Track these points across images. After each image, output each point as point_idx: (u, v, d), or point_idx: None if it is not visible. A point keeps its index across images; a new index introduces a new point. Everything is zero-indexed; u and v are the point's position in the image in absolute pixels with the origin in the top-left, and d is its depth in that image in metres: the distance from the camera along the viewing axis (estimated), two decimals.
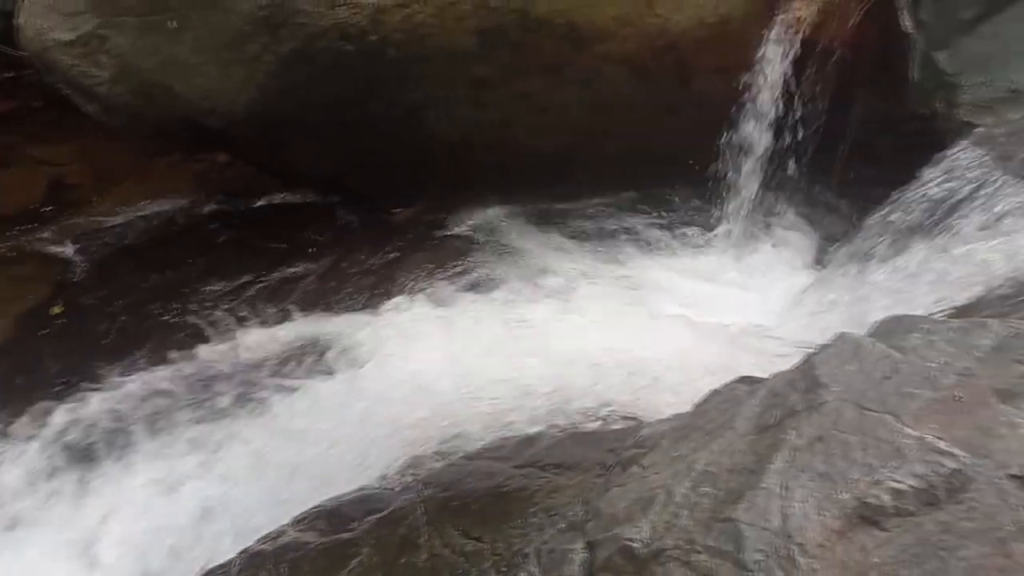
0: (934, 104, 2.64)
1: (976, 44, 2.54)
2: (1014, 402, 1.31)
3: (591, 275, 2.66)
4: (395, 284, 2.77)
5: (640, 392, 2.04)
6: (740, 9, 2.83)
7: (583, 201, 3.00)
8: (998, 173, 2.28)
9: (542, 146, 2.91)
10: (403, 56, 2.67)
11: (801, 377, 1.44)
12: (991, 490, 1.22)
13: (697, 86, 2.93)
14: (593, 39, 2.71)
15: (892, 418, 1.30)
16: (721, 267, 2.76)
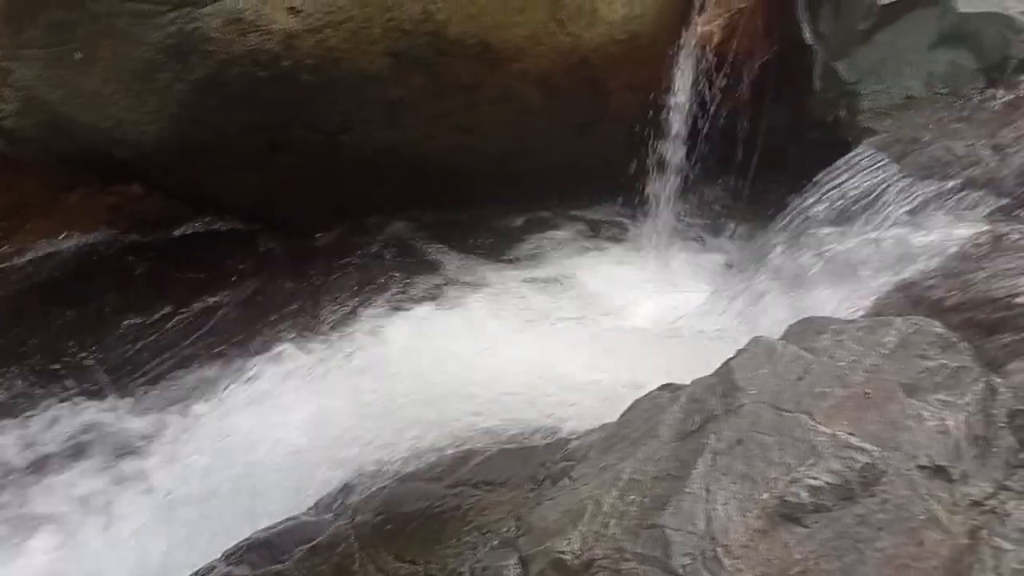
0: (836, 111, 2.75)
1: (872, 54, 2.65)
2: (919, 395, 1.37)
3: (514, 290, 2.69)
4: (319, 308, 2.75)
5: (567, 404, 2.06)
6: (649, 26, 2.90)
7: (504, 218, 3.02)
8: (898, 174, 2.38)
9: (461, 165, 2.93)
10: (317, 80, 2.66)
11: (719, 382, 1.48)
12: (902, 481, 1.27)
13: (611, 101, 2.99)
14: (507, 58, 2.74)
15: (806, 417, 1.35)
16: (641, 275, 2.81)
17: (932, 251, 2.06)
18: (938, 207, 2.25)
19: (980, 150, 2.32)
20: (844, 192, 2.44)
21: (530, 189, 3.00)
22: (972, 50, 2.49)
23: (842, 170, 2.51)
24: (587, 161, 3.03)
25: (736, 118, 3.06)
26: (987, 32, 2.45)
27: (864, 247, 2.18)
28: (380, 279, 2.82)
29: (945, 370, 1.39)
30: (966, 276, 1.94)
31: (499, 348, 2.27)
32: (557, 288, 2.73)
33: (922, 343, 1.41)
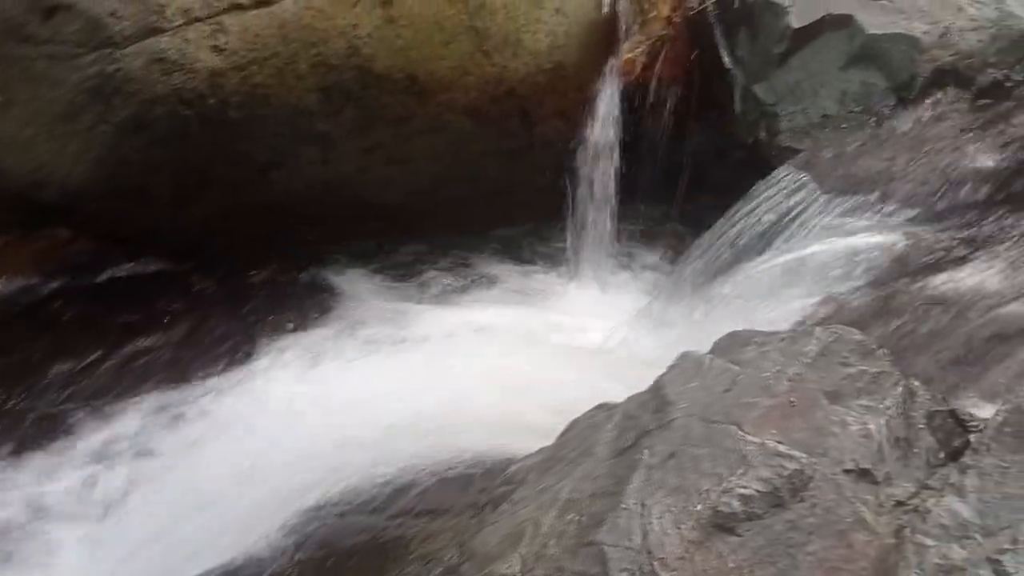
0: (757, 133, 2.84)
1: (788, 76, 2.75)
2: (842, 401, 1.41)
3: (447, 320, 2.69)
4: (255, 347, 2.71)
5: (505, 429, 2.07)
6: (573, 56, 2.96)
7: (437, 248, 3.03)
8: (818, 192, 2.46)
9: (394, 196, 2.94)
10: (245, 117, 2.65)
11: (651, 398, 1.50)
12: (829, 486, 1.31)
13: (540, 130, 3.03)
14: (434, 90, 2.77)
15: (735, 428, 1.37)
16: (576, 300, 2.85)
17: (852, 263, 2.14)
18: (857, 220, 2.34)
19: (893, 164, 2.42)
20: (768, 210, 2.51)
21: (463, 218, 3.02)
22: (881, 70, 2.59)
23: (765, 189, 2.59)
24: (519, 188, 3.08)
25: (663, 141, 3.14)
26: (894, 52, 2.56)
27: (788, 262, 2.24)
28: (316, 314, 2.80)
29: (865, 376, 1.43)
30: (884, 285, 2.01)
31: (433, 377, 2.28)
32: (493, 316, 2.75)
33: (842, 351, 1.45)
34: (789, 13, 2.72)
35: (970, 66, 2.52)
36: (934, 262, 2.09)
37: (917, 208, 2.31)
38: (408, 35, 2.67)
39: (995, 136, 2.38)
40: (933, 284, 2.02)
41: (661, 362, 1.65)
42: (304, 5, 2.58)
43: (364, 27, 2.63)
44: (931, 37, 2.53)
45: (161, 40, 2.56)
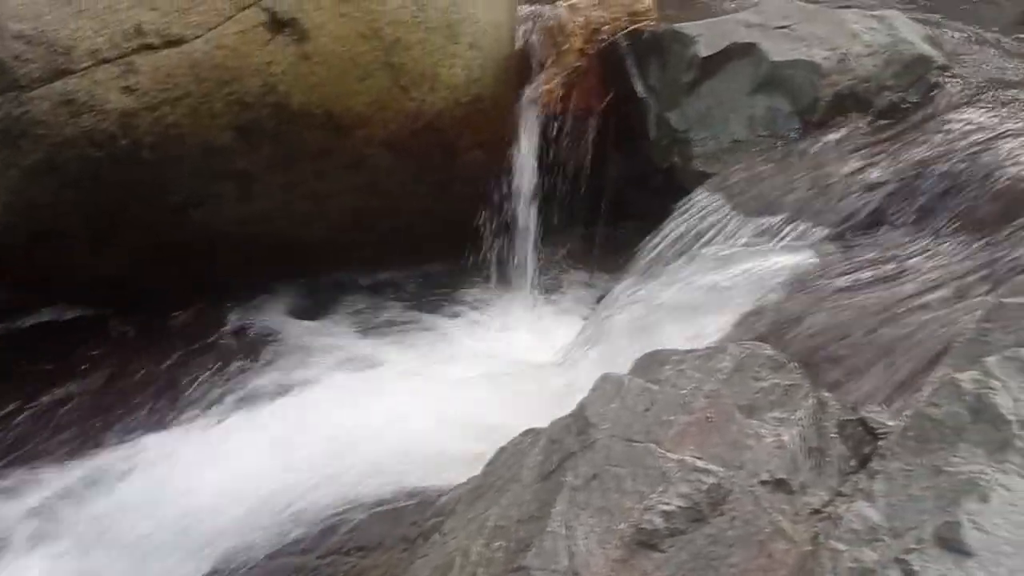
0: (672, 158, 2.91)
1: (699, 103, 2.84)
2: (756, 415, 1.45)
3: (375, 355, 2.68)
4: (177, 391, 2.66)
5: (438, 460, 2.07)
6: (491, 88, 3.01)
7: (362, 284, 3.02)
8: (731, 214, 2.54)
9: (315, 233, 2.92)
10: (159, 158, 2.61)
11: (574, 421, 1.52)
12: (747, 498, 1.34)
13: (461, 162, 3.06)
14: (353, 125, 2.77)
15: (655, 446, 1.40)
16: (504, 328, 2.86)
17: (766, 281, 2.20)
18: (769, 240, 2.42)
19: (801, 185, 2.51)
20: (684, 234, 2.58)
21: (388, 252, 3.02)
22: (786, 95, 2.70)
23: (681, 213, 2.67)
24: (443, 220, 3.09)
25: (583, 169, 3.20)
26: (796, 78, 2.66)
27: (704, 282, 2.30)
28: (240, 355, 2.75)
29: (778, 389, 1.48)
30: (795, 301, 2.08)
31: (362, 413, 2.26)
32: (420, 348, 2.75)
33: (754, 366, 1.50)
34: (697, 43, 2.82)
35: (868, 89, 2.64)
36: (843, 278, 2.17)
37: (825, 226, 2.39)
38: (323, 72, 2.67)
39: (894, 155, 2.50)
40: (843, 299, 2.09)
41: (586, 385, 1.68)
42: (216, 44, 2.56)
43: (279, 64, 2.63)
44: (830, 63, 2.64)
45: (69, 82, 2.51)
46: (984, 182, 2.24)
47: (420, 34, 2.81)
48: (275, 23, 2.61)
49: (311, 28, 2.65)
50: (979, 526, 1.10)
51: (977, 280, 1.98)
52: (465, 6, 2.92)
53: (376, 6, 2.72)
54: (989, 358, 1.26)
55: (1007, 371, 1.23)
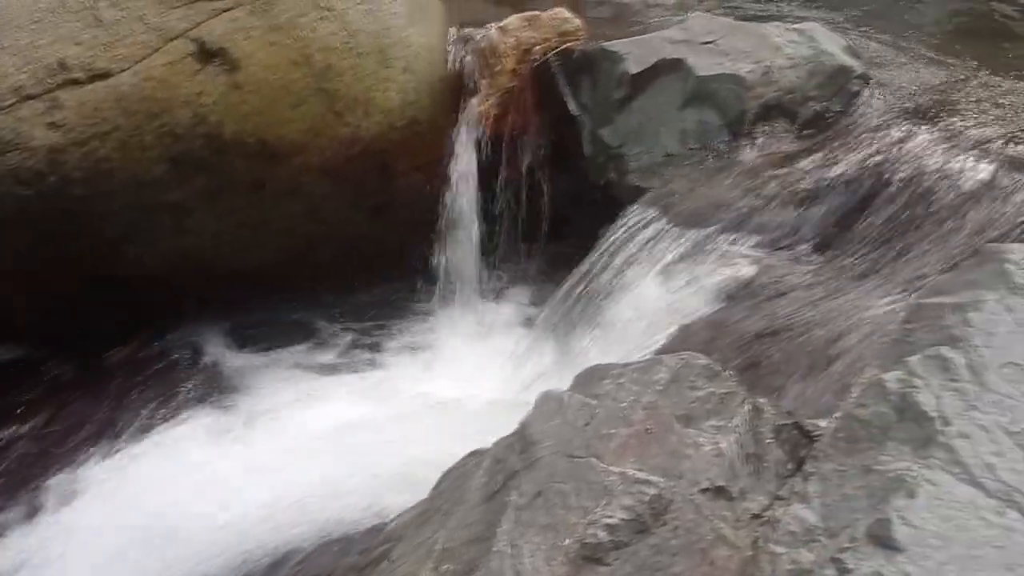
0: (608, 174, 2.95)
1: (631, 119, 2.88)
2: (694, 424, 1.48)
3: (318, 383, 2.66)
4: (117, 431, 2.60)
5: (386, 487, 2.06)
6: (426, 112, 3.02)
7: (304, 312, 3.00)
8: (667, 226, 2.58)
9: (253, 263, 2.89)
10: (90, 193, 2.57)
11: (517, 440, 1.53)
12: (688, 507, 1.36)
13: (400, 185, 3.06)
14: (288, 153, 2.76)
15: (597, 460, 1.42)
16: (449, 350, 2.86)
17: (702, 291, 2.24)
18: (704, 251, 2.46)
19: (733, 196, 2.57)
20: (621, 248, 2.61)
21: (329, 278, 3.00)
22: (714, 108, 2.75)
23: (619, 228, 2.70)
24: (384, 244, 3.09)
25: (522, 188, 3.22)
26: (723, 91, 2.72)
27: (643, 295, 2.33)
28: (182, 391, 2.71)
29: (714, 397, 1.51)
30: (731, 310, 2.12)
31: (309, 443, 2.24)
32: (363, 373, 2.73)
33: (690, 375, 1.52)
34: (626, 60, 2.86)
35: (793, 100, 2.71)
36: (776, 285, 2.22)
37: (757, 235, 2.45)
38: (255, 100, 2.66)
39: (821, 164, 2.56)
40: (776, 306, 2.14)
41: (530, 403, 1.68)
42: (143, 76, 2.54)
43: (209, 95, 2.61)
44: (755, 76, 2.71)
45: None
46: (906, 187, 2.31)
47: (352, 60, 2.81)
48: (204, 53, 2.60)
49: (241, 57, 2.64)
50: (908, 521, 1.13)
51: (903, 282, 2.05)
52: (396, 31, 2.94)
53: (306, 33, 2.72)
54: (911, 358, 1.31)
55: (929, 369, 1.28)
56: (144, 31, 2.57)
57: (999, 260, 1.36)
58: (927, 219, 2.20)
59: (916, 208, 2.25)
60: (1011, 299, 1.31)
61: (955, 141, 2.40)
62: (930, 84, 2.85)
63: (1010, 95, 2.75)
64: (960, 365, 1.26)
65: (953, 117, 2.56)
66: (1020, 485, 1.14)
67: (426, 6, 3.15)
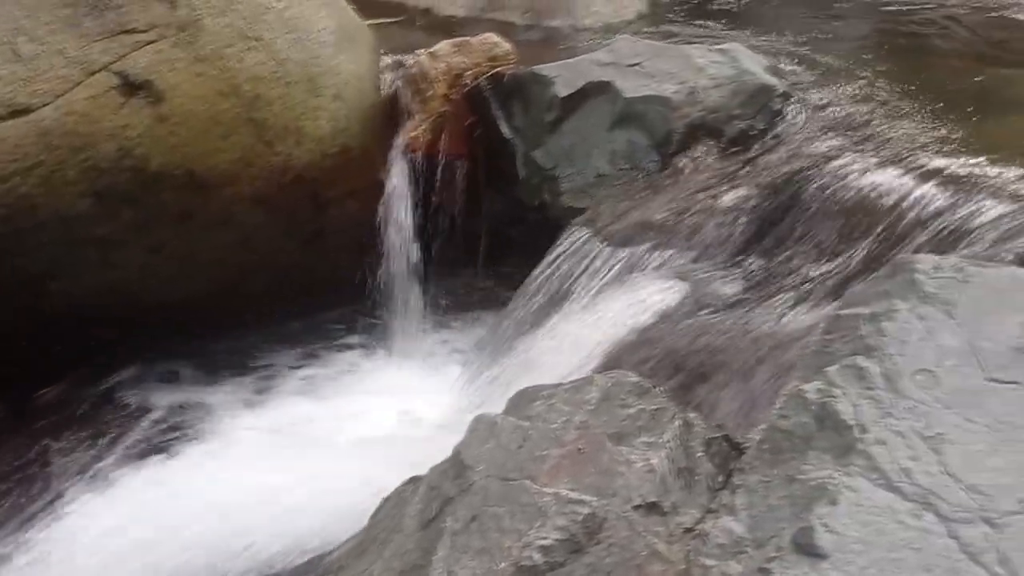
0: (542, 196, 2.98)
1: (562, 141, 2.92)
2: (626, 441, 1.50)
3: (254, 416, 2.63)
4: (47, 473, 2.53)
5: (327, 518, 2.04)
6: (357, 138, 3.02)
7: (237, 343, 2.95)
8: (601, 246, 2.61)
9: (184, 295, 2.84)
10: (13, 229, 2.51)
11: (451, 465, 1.53)
12: (622, 524, 1.37)
13: (334, 212, 3.05)
14: (218, 184, 2.73)
15: (530, 482, 1.42)
16: (391, 377, 2.84)
17: (634, 309, 2.27)
18: (637, 269, 2.50)
19: (663, 214, 2.61)
20: (557, 269, 2.64)
21: (263, 308, 2.96)
22: (642, 129, 2.80)
23: (555, 249, 2.72)
24: (320, 273, 3.07)
25: (459, 212, 3.23)
26: (650, 112, 2.78)
27: (577, 316, 2.36)
28: (111, 430, 2.65)
29: (645, 414, 1.53)
30: (662, 326, 2.16)
31: (248, 479, 2.21)
32: (301, 404, 2.70)
33: (620, 393, 1.54)
34: (555, 83, 2.90)
35: (717, 119, 2.78)
36: (705, 300, 2.26)
37: (687, 252, 2.49)
38: (182, 132, 2.63)
39: (746, 180, 2.63)
40: (706, 321, 2.18)
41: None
42: (65, 111, 2.49)
43: (134, 128, 2.57)
44: (680, 96, 2.76)
45: None
46: (827, 201, 2.38)
47: (281, 89, 2.80)
48: (128, 86, 2.56)
49: (166, 89, 2.61)
50: (830, 528, 1.16)
51: (826, 294, 2.10)
52: (326, 59, 2.94)
53: (233, 63, 2.70)
54: (830, 368, 1.34)
55: (846, 379, 1.32)
56: (65, 65, 2.52)
57: (909, 270, 1.40)
58: (848, 231, 2.27)
59: (837, 220, 2.31)
60: (922, 308, 1.36)
61: (872, 154, 2.48)
62: (849, 99, 2.94)
63: (924, 109, 2.85)
64: (876, 374, 1.30)
65: (871, 131, 2.65)
66: (935, 488, 1.18)
67: (356, 34, 3.16)
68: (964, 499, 1.16)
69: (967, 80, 3.32)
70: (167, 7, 2.63)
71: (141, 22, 2.59)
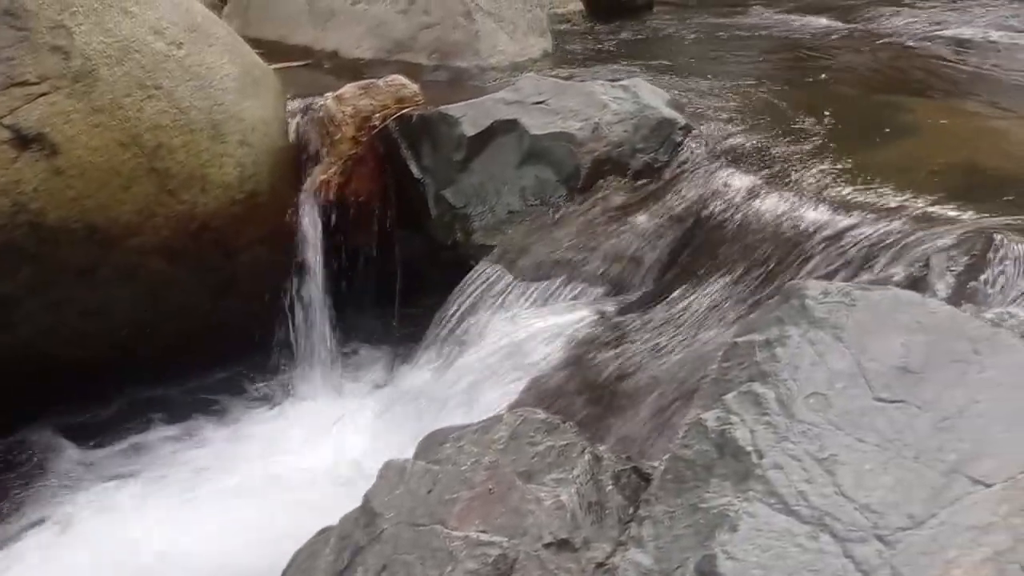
0: (454, 234, 2.99)
1: (472, 179, 2.94)
2: (535, 479, 1.50)
3: (160, 473, 2.55)
4: None
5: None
6: (266, 184, 2.99)
7: (148, 396, 2.87)
8: (513, 282, 2.63)
9: (91, 351, 2.76)
10: None
11: (361, 514, 1.51)
12: (533, 563, 1.37)
13: (244, 259, 3.01)
14: (121, 236, 2.67)
15: (440, 526, 1.42)
16: (304, 425, 2.79)
17: (546, 344, 2.29)
18: (549, 303, 2.52)
19: (573, 248, 2.65)
20: (471, 306, 2.65)
21: (175, 360, 2.89)
22: (550, 165, 2.84)
23: (467, 287, 2.73)
24: (232, 321, 3.01)
25: (373, 254, 3.22)
26: (557, 149, 2.82)
27: (489, 352, 2.36)
28: (15, 494, 2.54)
29: (553, 451, 1.53)
30: (572, 360, 2.18)
31: (145, 541, 2.14)
32: (211, 455, 2.64)
33: (529, 431, 1.55)
34: (462, 123, 2.93)
35: (622, 153, 2.84)
36: (616, 333, 2.30)
37: (598, 284, 2.53)
38: (81, 185, 2.56)
39: (653, 210, 2.68)
40: (617, 353, 2.21)
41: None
42: None
43: (28, 182, 2.50)
44: (585, 132, 2.82)
45: None
46: (729, 228, 2.44)
47: (184, 137, 2.76)
48: (20, 140, 2.49)
49: (62, 142, 2.55)
50: (731, 555, 1.18)
51: (730, 321, 2.15)
52: (230, 105, 2.91)
53: (132, 113, 2.66)
54: (728, 396, 1.37)
55: (743, 405, 1.35)
56: None
57: (800, 296, 1.45)
58: (749, 257, 2.33)
59: (739, 247, 2.38)
60: (812, 332, 1.40)
61: (771, 183, 2.56)
62: (749, 130, 3.04)
63: (820, 137, 2.96)
64: (771, 399, 1.33)
65: (770, 160, 2.74)
66: (830, 509, 1.21)
67: (261, 79, 3.14)
68: (857, 518, 1.19)
69: (862, 107, 3.48)
70: (60, 58, 2.58)
71: (33, 74, 2.53)
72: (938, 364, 1.32)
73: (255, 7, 4.68)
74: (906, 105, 3.45)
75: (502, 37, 4.15)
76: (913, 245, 2.05)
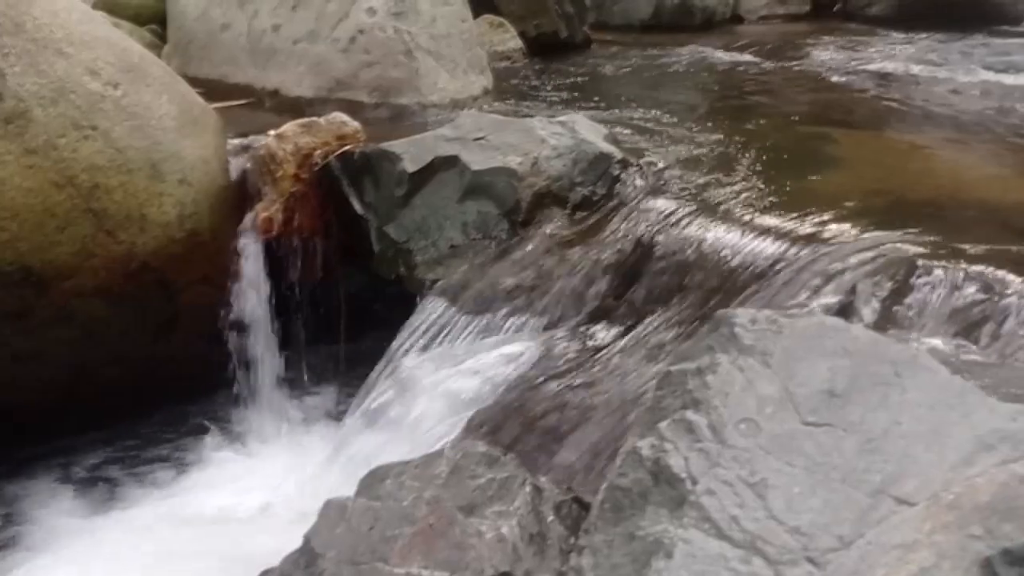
0: (398, 269, 3.00)
1: (414, 214, 2.96)
2: (476, 513, 1.51)
3: (101, 522, 2.49)
4: None
5: None
6: (206, 222, 2.98)
7: (87, 441, 2.81)
8: (457, 314, 2.65)
9: (27, 398, 2.70)
10: None
11: (301, 554, 1.51)
12: None
13: (185, 299, 2.98)
14: (57, 278, 2.63)
15: (382, 564, 1.42)
16: (249, 466, 2.76)
17: (488, 377, 2.31)
18: (491, 336, 2.54)
19: (515, 281, 2.68)
20: (417, 340, 2.66)
21: (117, 405, 2.84)
22: (491, 199, 2.88)
23: (412, 321, 2.74)
24: (174, 362, 2.98)
25: (318, 290, 3.22)
26: (497, 183, 2.86)
27: (431, 387, 2.37)
28: None
29: (494, 484, 1.55)
30: (514, 393, 2.20)
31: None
32: (154, 498, 2.59)
33: (470, 464, 1.56)
34: (403, 159, 2.96)
35: (561, 187, 2.89)
36: (558, 364, 2.32)
37: (540, 316, 2.56)
38: (13, 227, 2.52)
39: (593, 243, 2.73)
40: (558, 385, 2.23)
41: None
42: None
43: None
44: (524, 167, 2.86)
45: None
46: (667, 259, 2.50)
47: (121, 177, 2.74)
48: None
49: None
50: None
51: (669, 350, 2.20)
52: (168, 144, 2.90)
53: (67, 154, 2.63)
54: (662, 423, 1.40)
55: (677, 433, 1.38)
56: None
57: (729, 324, 1.49)
58: (687, 286, 2.38)
59: (677, 277, 2.43)
60: (741, 359, 1.44)
61: (707, 214, 2.63)
62: (685, 163, 3.12)
63: (753, 168, 3.05)
64: (703, 426, 1.37)
65: (705, 191, 2.81)
66: (761, 532, 1.24)
67: (200, 118, 3.13)
68: (788, 541, 1.22)
69: (791, 139, 3.59)
70: None
71: None
72: (862, 387, 1.37)
73: (195, 46, 4.67)
74: (832, 136, 3.57)
75: (443, 75, 4.21)
76: (840, 272, 2.12)
